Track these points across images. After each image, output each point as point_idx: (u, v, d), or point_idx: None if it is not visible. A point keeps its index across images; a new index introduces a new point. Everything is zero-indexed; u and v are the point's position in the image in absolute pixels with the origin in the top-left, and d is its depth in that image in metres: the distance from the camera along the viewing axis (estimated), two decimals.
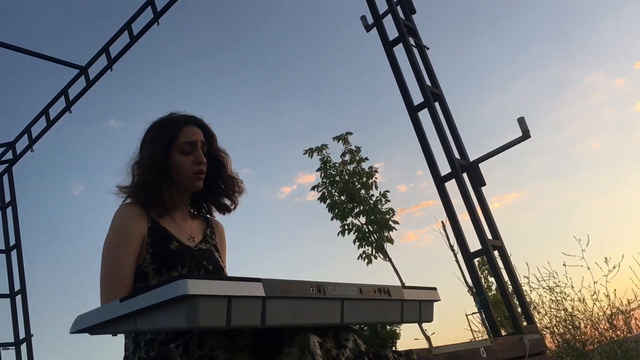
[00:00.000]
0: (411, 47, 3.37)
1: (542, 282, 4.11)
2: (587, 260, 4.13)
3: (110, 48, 5.74)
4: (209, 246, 1.74)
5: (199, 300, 1.02)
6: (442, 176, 3.18)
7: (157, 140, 1.73)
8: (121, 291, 1.51)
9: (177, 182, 1.70)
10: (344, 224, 8.15)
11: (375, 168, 8.32)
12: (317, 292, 1.25)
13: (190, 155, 1.71)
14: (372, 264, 7.96)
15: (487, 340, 2.32)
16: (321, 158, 8.53)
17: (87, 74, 5.92)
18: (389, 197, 8.22)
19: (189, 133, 1.73)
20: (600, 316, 3.88)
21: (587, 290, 4.04)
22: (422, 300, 1.54)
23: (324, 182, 8.37)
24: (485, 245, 2.88)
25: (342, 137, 8.58)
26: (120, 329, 1.13)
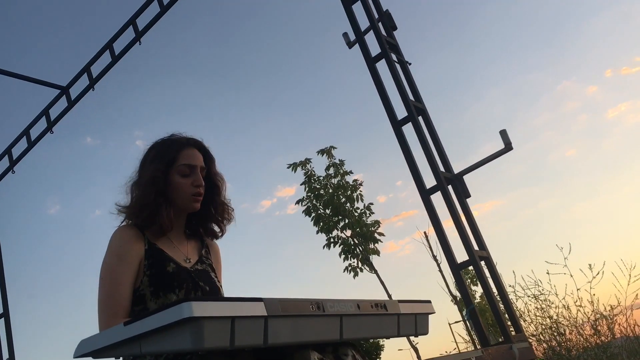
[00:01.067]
0: (393, 62, 3.44)
1: (526, 290, 4.18)
2: (570, 268, 4.22)
3: (92, 68, 5.73)
4: (205, 266, 1.75)
5: (203, 322, 1.04)
6: (427, 189, 3.23)
7: (158, 160, 1.74)
8: (119, 314, 1.51)
9: (175, 203, 1.72)
10: (329, 237, 8.17)
11: (360, 181, 8.39)
12: (317, 309, 1.28)
13: (189, 178, 1.72)
14: (358, 276, 8.00)
15: (478, 351, 2.35)
16: (305, 172, 8.56)
17: (69, 94, 5.90)
18: (372, 209, 8.29)
19: (189, 155, 1.74)
20: (585, 322, 3.95)
21: (570, 297, 4.12)
22: (417, 314, 1.57)
23: (309, 196, 8.39)
24: (472, 256, 2.93)
25: (326, 150, 8.62)
26: (124, 352, 1.14)
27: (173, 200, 1.71)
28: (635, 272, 4.24)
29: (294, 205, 8.43)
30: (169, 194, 1.71)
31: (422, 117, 3.39)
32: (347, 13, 3.77)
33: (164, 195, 1.69)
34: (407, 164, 3.32)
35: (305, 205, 8.41)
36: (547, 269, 4.12)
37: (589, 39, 47.38)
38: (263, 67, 35.61)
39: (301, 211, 8.31)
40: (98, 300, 1.54)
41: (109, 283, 1.55)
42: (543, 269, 4.39)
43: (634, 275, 4.22)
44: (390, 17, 3.71)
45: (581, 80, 41.02)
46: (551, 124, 34.91)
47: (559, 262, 4.07)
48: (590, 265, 4.27)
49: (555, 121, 35.01)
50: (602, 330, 3.93)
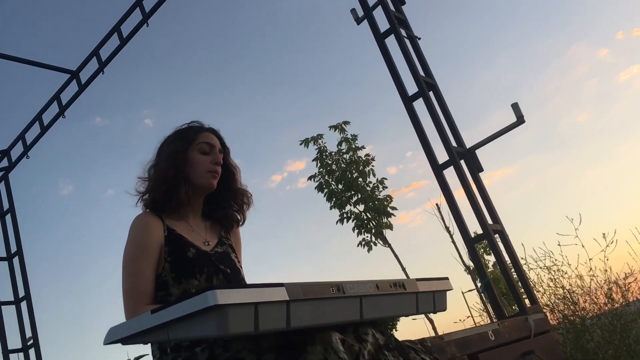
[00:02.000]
0: (403, 38, 3.41)
1: (538, 262, 4.20)
2: (581, 237, 4.23)
3: (101, 51, 5.73)
4: (225, 248, 1.79)
5: (228, 309, 1.08)
6: (440, 164, 3.24)
7: (178, 140, 1.81)
8: (144, 302, 1.56)
9: (193, 181, 1.75)
10: (342, 212, 8.21)
11: (372, 156, 8.38)
12: (337, 291, 1.31)
13: (208, 156, 1.78)
14: (372, 250, 8.05)
15: (494, 324, 2.39)
16: (317, 148, 8.56)
17: (79, 78, 5.92)
18: (385, 183, 8.31)
19: (209, 137, 1.81)
20: (598, 290, 3.97)
21: (583, 267, 4.13)
22: (435, 292, 1.60)
23: (321, 172, 8.41)
24: (486, 230, 2.95)
25: (339, 126, 8.59)
26: (153, 338, 1.18)
27: (190, 177, 1.75)
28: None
29: (306, 180, 8.50)
30: (188, 171, 1.75)
31: (432, 92, 3.38)
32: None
33: (183, 172, 1.74)
34: (419, 140, 3.32)
35: (317, 181, 8.45)
36: (558, 240, 4.13)
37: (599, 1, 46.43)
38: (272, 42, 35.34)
39: (313, 187, 8.38)
40: (122, 289, 1.59)
41: (132, 273, 1.59)
42: (555, 240, 4.40)
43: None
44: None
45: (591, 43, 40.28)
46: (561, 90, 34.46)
47: (570, 233, 4.08)
48: (604, 234, 4.27)
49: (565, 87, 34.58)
50: (616, 297, 3.96)
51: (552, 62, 38.23)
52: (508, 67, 34.71)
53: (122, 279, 1.60)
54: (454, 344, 1.99)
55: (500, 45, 36.46)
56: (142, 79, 34.60)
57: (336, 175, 8.25)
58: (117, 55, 5.67)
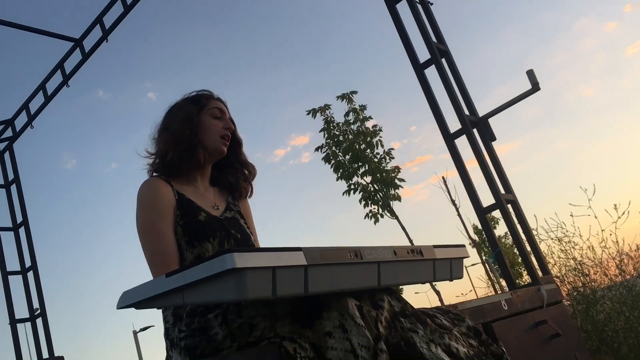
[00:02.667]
0: (415, 3, 3.31)
1: (550, 233, 4.17)
2: (593, 209, 4.19)
3: (104, 19, 5.63)
4: (234, 214, 1.76)
5: (246, 272, 1.04)
6: (451, 133, 3.17)
7: (189, 104, 1.79)
8: (171, 265, 1.52)
9: (203, 144, 1.73)
10: (349, 183, 8.16)
11: (380, 127, 8.28)
12: (355, 257, 1.27)
13: (220, 121, 1.78)
14: (379, 222, 8.03)
15: (507, 293, 2.36)
16: (324, 118, 8.46)
17: (82, 46, 5.83)
18: (392, 154, 8.23)
19: (219, 104, 1.81)
20: (610, 262, 3.95)
21: (595, 238, 4.10)
22: (452, 259, 1.57)
23: (328, 143, 8.33)
24: (499, 200, 2.90)
25: (347, 96, 8.45)
26: (167, 302, 1.15)
27: (204, 142, 1.73)
28: None
29: (314, 152, 8.38)
30: (201, 135, 1.73)
31: (445, 59, 3.30)
32: None
33: (197, 135, 1.72)
34: (430, 108, 3.25)
35: (324, 152, 8.37)
36: (570, 211, 4.09)
37: None
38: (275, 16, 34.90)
39: (320, 158, 8.30)
40: (146, 255, 1.55)
41: (153, 237, 1.55)
42: (563, 210, 4.37)
43: None
44: None
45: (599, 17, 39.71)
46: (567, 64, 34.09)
47: (583, 204, 4.04)
48: (616, 205, 4.23)
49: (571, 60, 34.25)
50: (627, 269, 3.93)
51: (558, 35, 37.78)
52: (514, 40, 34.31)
53: (143, 245, 1.56)
54: (468, 313, 1.97)
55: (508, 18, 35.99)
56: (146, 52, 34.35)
57: (343, 146, 8.18)
58: (121, 26, 5.58)
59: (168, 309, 1.54)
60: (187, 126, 1.71)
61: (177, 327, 1.48)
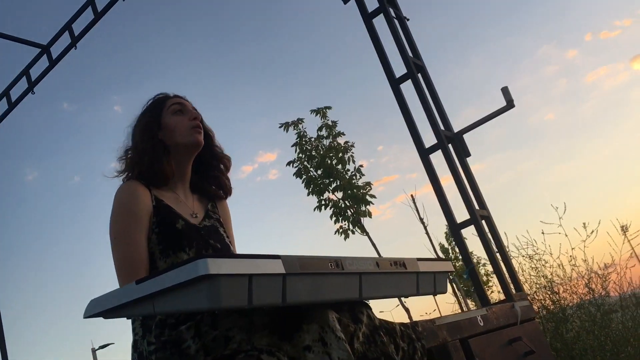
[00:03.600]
0: (392, 18, 3.32)
1: (521, 250, 4.19)
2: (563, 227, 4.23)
3: (74, 25, 5.50)
4: (213, 222, 1.68)
5: (220, 279, 0.97)
6: (426, 148, 3.16)
7: (147, 113, 1.73)
8: (140, 274, 1.43)
9: (176, 143, 1.66)
10: (320, 199, 8.11)
11: (352, 143, 8.28)
12: (335, 267, 1.21)
13: (184, 115, 1.70)
14: (349, 238, 7.98)
15: (482, 310, 2.33)
16: (297, 132, 8.41)
17: (50, 53, 5.68)
18: (362, 171, 8.23)
19: (177, 99, 1.75)
20: (579, 280, 3.98)
21: (565, 256, 4.13)
22: (436, 272, 1.52)
23: (300, 158, 8.27)
24: (473, 215, 2.88)
25: (321, 110, 8.44)
26: (136, 311, 1.07)
27: (173, 141, 1.66)
28: (632, 230, 4.27)
29: (285, 166, 8.34)
30: (167, 138, 1.66)
31: (421, 74, 3.30)
32: None
33: (161, 142, 1.65)
34: (406, 123, 3.24)
35: (296, 167, 8.31)
36: (542, 229, 4.12)
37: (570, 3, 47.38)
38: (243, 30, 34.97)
39: (292, 173, 8.23)
40: (115, 261, 1.46)
41: (125, 243, 1.46)
42: (535, 229, 4.40)
43: (629, 234, 4.24)
44: None
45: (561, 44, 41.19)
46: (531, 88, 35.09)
47: (554, 222, 4.08)
48: (584, 224, 4.28)
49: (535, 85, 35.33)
50: (596, 288, 3.96)
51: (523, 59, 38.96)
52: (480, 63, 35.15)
53: (113, 251, 1.47)
54: (445, 328, 1.92)
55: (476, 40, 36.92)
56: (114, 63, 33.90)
57: (315, 161, 8.14)
58: (90, 34, 5.45)
59: (137, 319, 1.45)
60: (149, 135, 1.64)
61: (147, 339, 1.39)
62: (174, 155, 1.66)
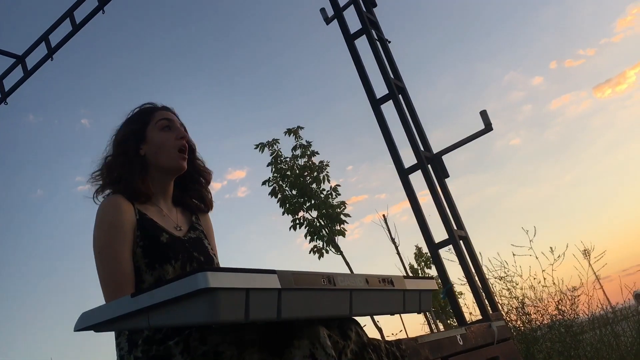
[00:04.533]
0: (375, 39, 3.38)
1: (492, 272, 4.26)
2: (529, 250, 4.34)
3: (50, 37, 5.44)
4: (198, 233, 1.67)
5: (219, 293, 0.97)
6: (406, 168, 3.21)
7: (131, 123, 1.67)
8: (125, 288, 1.41)
9: (159, 164, 1.62)
10: (295, 218, 8.11)
11: (327, 162, 8.34)
12: (328, 283, 1.22)
13: (171, 132, 1.64)
14: (323, 257, 7.99)
15: (461, 329, 2.36)
16: (272, 152, 8.44)
17: (25, 64, 5.60)
18: (339, 190, 8.27)
19: (165, 114, 1.69)
20: (549, 302, 4.06)
21: (534, 279, 4.21)
22: (422, 290, 1.54)
23: (275, 177, 8.28)
24: (452, 235, 2.93)
25: (293, 130, 8.51)
26: (131, 325, 1.06)
27: (156, 160, 1.62)
28: (594, 254, 4.40)
29: (260, 185, 8.32)
30: (149, 155, 1.62)
31: (401, 95, 3.35)
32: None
33: (141, 157, 1.61)
34: (386, 143, 3.28)
35: (271, 186, 8.31)
36: (512, 251, 4.21)
37: (535, 31, 49.01)
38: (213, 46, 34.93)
39: (267, 193, 8.23)
40: (100, 276, 1.44)
41: (109, 258, 1.44)
42: (505, 252, 4.50)
43: (594, 257, 4.37)
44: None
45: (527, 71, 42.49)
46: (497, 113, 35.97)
47: (524, 245, 4.18)
48: (552, 248, 4.40)
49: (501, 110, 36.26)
50: (566, 309, 4.04)
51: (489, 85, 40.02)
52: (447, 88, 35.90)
53: (98, 266, 1.45)
54: (427, 347, 1.94)
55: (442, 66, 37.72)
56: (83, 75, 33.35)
57: (290, 180, 8.16)
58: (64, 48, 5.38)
59: (123, 334, 1.43)
60: (125, 152, 1.60)
61: (133, 354, 1.37)
62: (153, 173, 1.62)
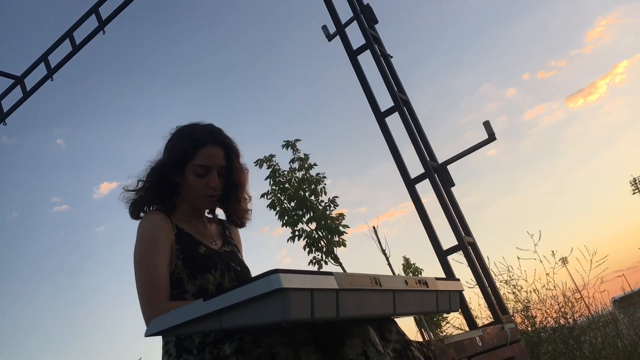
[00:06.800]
0: (379, 55, 3.49)
1: (498, 276, 4.37)
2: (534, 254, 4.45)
3: (50, 57, 5.50)
4: (232, 247, 1.76)
5: (290, 293, 1.05)
6: (412, 178, 3.31)
7: (175, 150, 1.71)
8: (162, 296, 1.50)
9: (189, 199, 1.71)
10: (294, 230, 8.20)
11: (324, 174, 8.45)
12: (375, 284, 1.30)
13: (204, 178, 1.67)
14: (322, 269, 8.05)
15: (478, 331, 2.45)
16: (269, 167, 8.54)
17: (24, 84, 5.65)
18: (336, 202, 8.38)
19: (208, 155, 1.68)
20: (552, 305, 4.17)
21: (539, 282, 4.33)
22: (451, 291, 1.62)
23: (274, 190, 8.38)
24: (462, 242, 3.02)
25: (291, 143, 8.64)
26: (202, 327, 1.13)
27: (186, 196, 1.71)
28: (596, 258, 4.53)
29: (259, 199, 8.47)
30: (183, 187, 1.70)
31: (406, 108, 3.46)
32: (327, 6, 3.79)
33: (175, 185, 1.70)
34: (392, 155, 3.39)
35: (270, 199, 8.41)
36: (517, 254, 4.33)
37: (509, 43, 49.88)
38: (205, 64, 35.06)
39: (265, 205, 8.33)
40: (137, 285, 1.53)
41: (147, 269, 1.53)
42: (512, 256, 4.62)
43: (595, 261, 4.49)
44: (371, 10, 3.76)
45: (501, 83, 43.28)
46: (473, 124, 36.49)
47: (529, 248, 4.30)
48: (553, 252, 4.52)
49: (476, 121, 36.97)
50: (568, 312, 4.15)
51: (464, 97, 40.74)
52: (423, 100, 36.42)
53: (136, 275, 1.54)
54: (453, 347, 2.02)
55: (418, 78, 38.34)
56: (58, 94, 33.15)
57: (288, 193, 8.26)
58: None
59: (170, 340, 1.50)
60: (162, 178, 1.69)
61: (184, 358, 1.44)
62: (186, 200, 1.72)
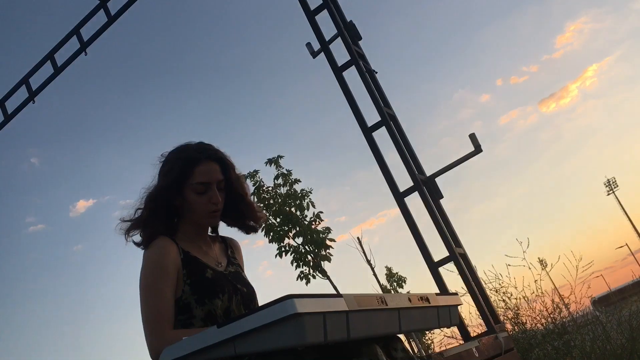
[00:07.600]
0: (364, 70, 3.55)
1: (488, 284, 4.43)
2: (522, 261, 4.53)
3: (31, 80, 5.47)
4: (236, 267, 1.77)
5: (304, 317, 1.08)
6: (401, 191, 3.35)
7: (170, 173, 1.71)
8: (166, 325, 1.51)
9: (192, 218, 1.72)
10: (280, 245, 8.19)
11: (310, 189, 8.48)
12: (381, 303, 1.33)
13: (204, 195, 1.69)
14: (310, 283, 8.07)
15: (474, 342, 2.48)
16: (254, 183, 8.54)
17: (5, 108, 5.60)
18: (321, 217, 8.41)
19: (205, 171, 1.69)
20: (543, 312, 4.24)
21: (528, 289, 4.40)
22: (451, 306, 1.66)
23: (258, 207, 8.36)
24: (452, 253, 3.07)
25: (274, 160, 8.67)
26: (216, 354, 1.15)
27: (189, 216, 1.72)
28: (582, 263, 4.62)
29: None
30: (184, 208, 1.71)
31: (393, 122, 3.52)
32: (311, 23, 3.85)
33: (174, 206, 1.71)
34: (380, 169, 3.43)
35: None
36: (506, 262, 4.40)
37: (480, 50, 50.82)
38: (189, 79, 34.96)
39: None
40: (143, 314, 1.53)
41: (153, 296, 1.54)
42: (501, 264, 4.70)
43: (582, 267, 4.58)
44: (355, 27, 3.82)
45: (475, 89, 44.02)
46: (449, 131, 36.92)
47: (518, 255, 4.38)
48: (539, 258, 4.62)
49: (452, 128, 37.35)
50: (558, 318, 4.23)
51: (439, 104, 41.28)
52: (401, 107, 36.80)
53: (142, 303, 1.54)
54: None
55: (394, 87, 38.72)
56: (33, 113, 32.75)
57: (274, 209, 8.27)
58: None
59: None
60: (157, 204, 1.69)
61: None
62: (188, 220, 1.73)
